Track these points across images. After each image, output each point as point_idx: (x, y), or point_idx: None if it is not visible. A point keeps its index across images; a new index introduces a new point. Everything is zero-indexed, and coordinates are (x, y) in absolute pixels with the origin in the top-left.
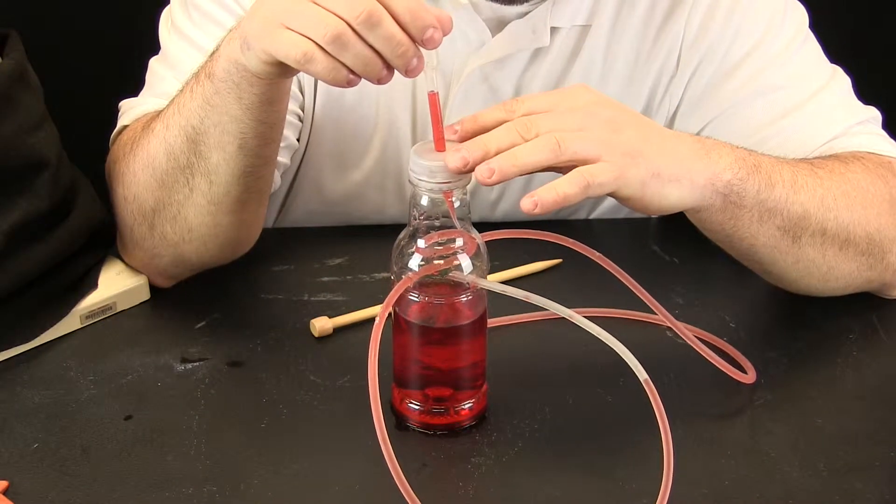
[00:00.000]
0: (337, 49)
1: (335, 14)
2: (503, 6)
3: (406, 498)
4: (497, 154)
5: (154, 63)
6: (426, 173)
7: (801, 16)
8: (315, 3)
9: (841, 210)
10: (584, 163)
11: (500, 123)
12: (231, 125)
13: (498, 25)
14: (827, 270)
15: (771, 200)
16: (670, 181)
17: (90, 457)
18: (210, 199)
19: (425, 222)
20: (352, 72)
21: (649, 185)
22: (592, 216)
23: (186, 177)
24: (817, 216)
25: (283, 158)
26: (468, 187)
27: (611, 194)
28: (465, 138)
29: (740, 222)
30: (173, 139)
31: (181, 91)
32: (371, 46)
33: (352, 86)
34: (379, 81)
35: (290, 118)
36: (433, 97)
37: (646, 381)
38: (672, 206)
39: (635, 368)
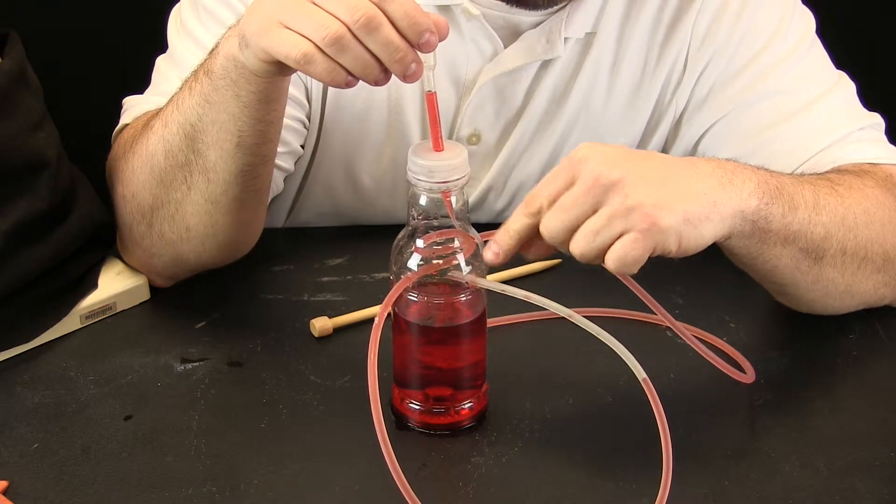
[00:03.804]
0: (336, 51)
1: (334, 16)
2: (515, 16)
3: (406, 498)
4: (515, 233)
5: (160, 61)
6: (424, 173)
7: (809, 21)
8: (314, 4)
9: (860, 228)
10: (581, 221)
11: (529, 228)
12: (229, 123)
13: (511, 36)
14: (845, 289)
15: (795, 223)
16: (701, 221)
17: (90, 457)
18: (208, 197)
19: (424, 222)
20: (350, 74)
21: (684, 232)
22: None
23: (185, 174)
24: (838, 236)
25: (286, 164)
26: (474, 197)
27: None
28: (509, 255)
29: (766, 245)
30: (172, 137)
31: (181, 89)
32: (369, 50)
33: (350, 87)
34: (376, 83)
35: (294, 125)
36: (431, 97)
37: (644, 380)
38: (707, 242)
39: (634, 368)
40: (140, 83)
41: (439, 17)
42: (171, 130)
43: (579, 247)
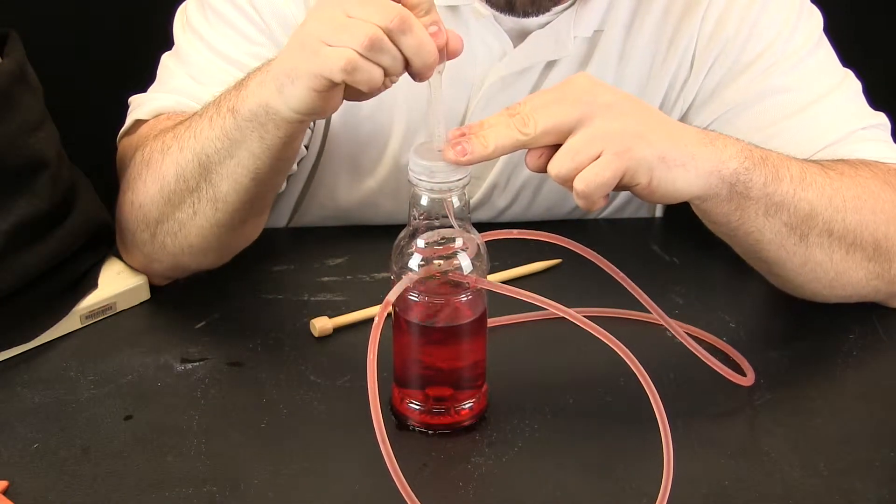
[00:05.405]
0: (374, 53)
1: (369, 22)
2: (522, 17)
3: (406, 498)
4: (496, 149)
5: (166, 58)
6: (426, 173)
7: (816, 19)
8: (349, 17)
9: (849, 212)
10: (561, 136)
11: (515, 144)
12: (248, 160)
13: (519, 36)
14: (834, 276)
15: (778, 194)
16: (676, 166)
17: (90, 457)
18: (213, 223)
19: (425, 222)
20: (385, 74)
21: (656, 169)
22: (599, 216)
23: (193, 200)
24: (825, 215)
25: None
26: (477, 196)
27: (618, 184)
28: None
29: (746, 214)
30: (186, 163)
31: (200, 116)
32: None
33: (384, 90)
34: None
35: None
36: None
37: (645, 379)
38: (678, 192)
39: (635, 368)
40: (140, 83)
41: (453, 32)
42: (186, 157)
43: (557, 166)
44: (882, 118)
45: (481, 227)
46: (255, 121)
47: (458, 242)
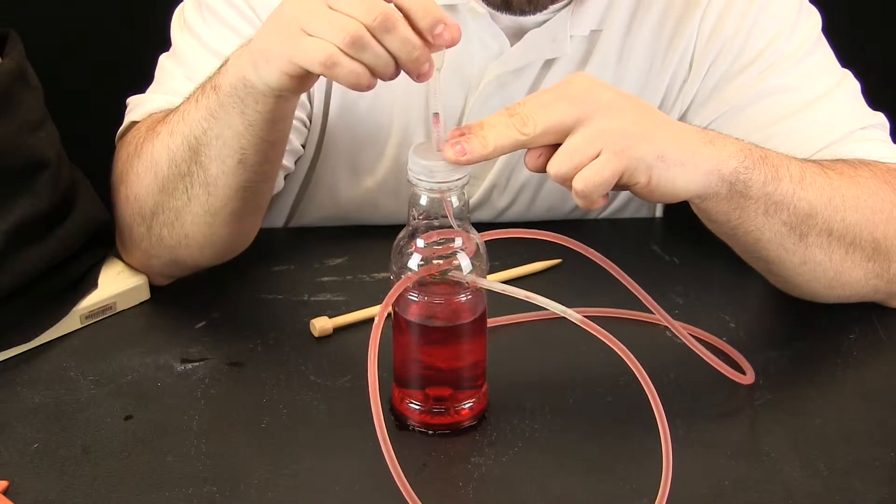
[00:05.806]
0: (356, 51)
1: (353, 18)
2: (519, 16)
3: (406, 498)
4: (495, 148)
5: (164, 59)
6: (425, 173)
7: (815, 19)
8: (332, 9)
9: (848, 211)
10: (561, 135)
11: (515, 144)
12: (232, 140)
13: (516, 34)
14: (834, 276)
15: (777, 193)
16: (675, 165)
17: (90, 457)
18: (207, 209)
19: (424, 222)
20: (372, 74)
21: (656, 168)
22: (599, 216)
23: (185, 185)
24: (824, 215)
25: (286, 161)
26: (477, 196)
27: (618, 183)
28: (477, 161)
29: (746, 213)
30: (176, 147)
31: (188, 99)
32: (386, 49)
33: (370, 88)
34: (391, 79)
35: (295, 123)
36: (436, 117)
37: (645, 380)
38: (677, 191)
39: (636, 369)
40: (140, 83)
41: (453, 21)
42: (176, 141)
43: (556, 165)
44: (881, 118)
45: (481, 227)
46: (234, 95)
47: (458, 242)
